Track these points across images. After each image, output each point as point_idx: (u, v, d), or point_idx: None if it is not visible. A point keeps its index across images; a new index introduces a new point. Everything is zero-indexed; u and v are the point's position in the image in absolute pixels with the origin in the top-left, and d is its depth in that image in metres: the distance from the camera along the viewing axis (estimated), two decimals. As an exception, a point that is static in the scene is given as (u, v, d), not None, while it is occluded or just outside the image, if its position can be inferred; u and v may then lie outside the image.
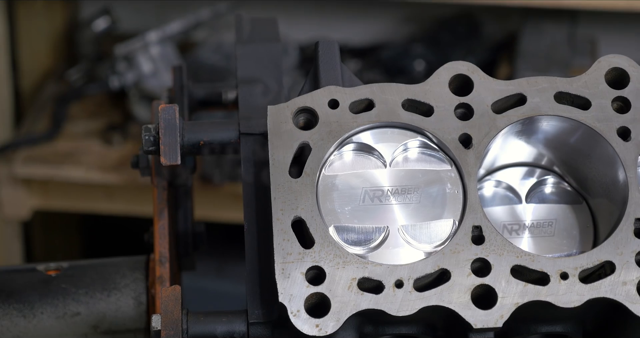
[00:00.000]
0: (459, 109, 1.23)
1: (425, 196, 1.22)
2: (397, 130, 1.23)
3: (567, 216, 1.30)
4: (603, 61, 1.25)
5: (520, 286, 1.17)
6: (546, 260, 1.18)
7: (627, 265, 1.18)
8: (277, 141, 1.20)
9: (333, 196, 1.21)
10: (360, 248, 1.20)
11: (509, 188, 1.31)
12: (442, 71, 1.24)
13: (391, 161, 1.23)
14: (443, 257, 1.17)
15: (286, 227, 1.17)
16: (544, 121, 1.24)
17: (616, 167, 1.22)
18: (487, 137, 1.22)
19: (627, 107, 1.24)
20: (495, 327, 1.15)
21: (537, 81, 1.24)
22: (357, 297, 1.15)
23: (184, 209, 1.53)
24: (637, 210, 1.20)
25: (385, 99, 1.23)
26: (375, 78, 3.27)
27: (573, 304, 1.16)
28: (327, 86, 1.23)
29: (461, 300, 1.16)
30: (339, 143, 1.22)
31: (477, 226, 1.19)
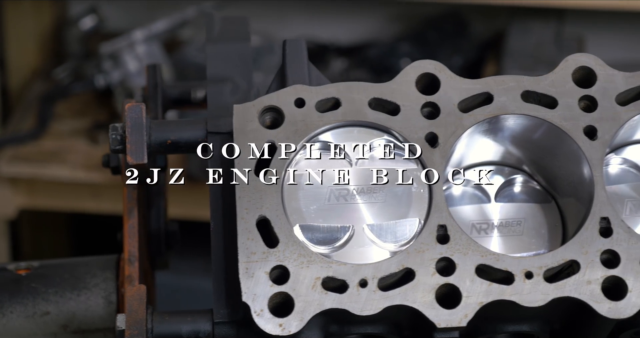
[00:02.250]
0: (426, 108, 1.23)
1: (391, 195, 1.22)
2: (363, 129, 1.23)
3: (536, 215, 1.30)
4: (570, 59, 1.25)
5: (484, 285, 1.16)
6: (511, 259, 1.18)
7: (592, 264, 1.17)
8: (242, 140, 1.20)
9: (298, 195, 1.21)
10: (326, 247, 1.20)
11: (477, 187, 1.31)
12: (409, 70, 1.24)
13: (357, 160, 1.23)
14: (408, 256, 1.17)
15: (251, 226, 1.17)
16: (510, 120, 1.24)
17: (582, 166, 1.22)
18: (453, 136, 1.22)
19: (594, 106, 1.23)
20: (459, 326, 1.15)
21: (504, 80, 1.24)
22: (321, 296, 1.15)
23: (157, 208, 1.53)
24: (603, 209, 1.20)
25: (351, 98, 1.22)
26: (361, 77, 3.26)
27: (537, 303, 1.16)
28: (293, 85, 1.22)
29: (425, 299, 1.15)
30: (305, 141, 1.21)
31: (442, 225, 1.19)
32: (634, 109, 1.23)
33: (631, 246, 1.18)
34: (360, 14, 3.49)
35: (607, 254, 1.18)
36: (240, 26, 1.42)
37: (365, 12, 3.49)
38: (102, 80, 3.16)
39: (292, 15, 3.49)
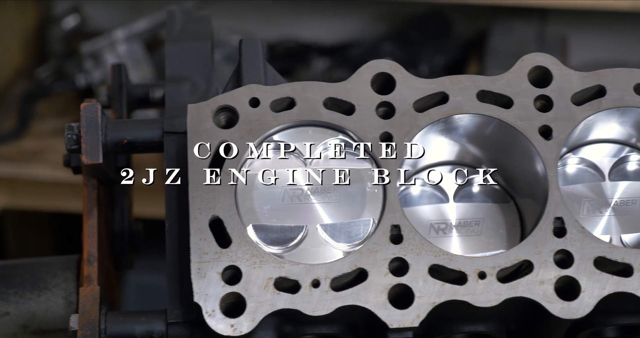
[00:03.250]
0: (381, 108, 1.23)
1: (345, 195, 1.21)
2: (318, 129, 1.22)
3: (495, 215, 1.29)
4: (526, 59, 1.25)
5: (437, 285, 1.16)
6: (464, 259, 1.18)
7: (545, 264, 1.17)
8: (196, 140, 1.20)
9: (252, 195, 1.20)
10: (279, 247, 1.19)
11: (436, 187, 1.31)
12: (365, 69, 1.24)
13: (311, 160, 1.22)
14: (361, 256, 1.17)
15: (203, 226, 1.17)
16: (464, 119, 1.24)
17: (538, 166, 1.22)
18: (408, 136, 1.22)
19: (550, 106, 1.23)
20: (412, 326, 1.14)
21: (460, 80, 1.24)
22: (273, 296, 1.15)
23: (120, 208, 1.53)
24: (557, 209, 1.19)
25: (306, 98, 1.22)
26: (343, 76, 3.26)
27: (490, 303, 1.16)
28: (248, 85, 1.22)
29: (378, 299, 1.15)
30: (259, 141, 1.21)
31: (396, 225, 1.18)
32: (589, 108, 1.23)
33: (585, 246, 1.18)
34: (344, 14, 3.49)
35: (560, 254, 1.18)
36: (202, 26, 1.41)
37: (350, 12, 3.49)
38: (83, 79, 3.15)
39: (275, 15, 3.48)
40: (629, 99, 1.23)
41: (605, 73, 1.24)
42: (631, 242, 1.26)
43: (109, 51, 3.14)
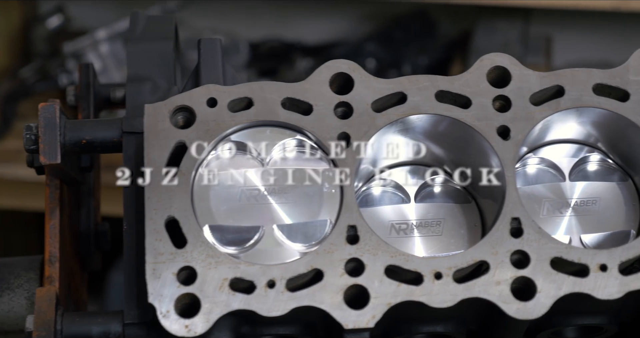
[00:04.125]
0: (340, 108, 1.22)
1: (302, 195, 1.21)
2: (276, 129, 1.22)
3: (456, 216, 1.29)
4: (485, 59, 1.24)
5: (393, 286, 1.16)
6: (420, 259, 1.17)
7: (502, 265, 1.17)
8: (153, 140, 1.19)
9: (209, 195, 1.20)
10: (235, 247, 1.19)
11: (397, 187, 1.30)
12: (323, 69, 1.23)
13: (269, 160, 1.22)
14: (317, 257, 1.17)
15: (159, 227, 1.16)
16: (424, 120, 1.23)
17: (494, 166, 1.22)
18: (366, 136, 1.21)
19: (508, 106, 1.23)
20: (367, 327, 1.14)
21: (418, 80, 1.24)
22: (228, 297, 1.14)
23: (86, 208, 1.52)
24: (514, 209, 1.19)
25: (264, 98, 1.22)
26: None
27: (446, 304, 1.15)
28: (206, 85, 1.22)
29: (333, 300, 1.15)
30: (217, 141, 1.21)
31: (353, 226, 1.18)
32: (547, 109, 1.23)
33: (541, 247, 1.17)
34: (328, 14, 3.49)
35: (517, 254, 1.18)
36: (165, 26, 1.41)
37: (333, 11, 3.48)
38: (66, 79, 3.14)
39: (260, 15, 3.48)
40: (588, 99, 1.23)
41: (564, 73, 1.24)
42: (591, 242, 1.26)
43: (91, 50, 3.14)
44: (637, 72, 1.24)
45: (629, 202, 1.27)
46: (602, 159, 1.29)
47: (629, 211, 1.26)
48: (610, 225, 1.26)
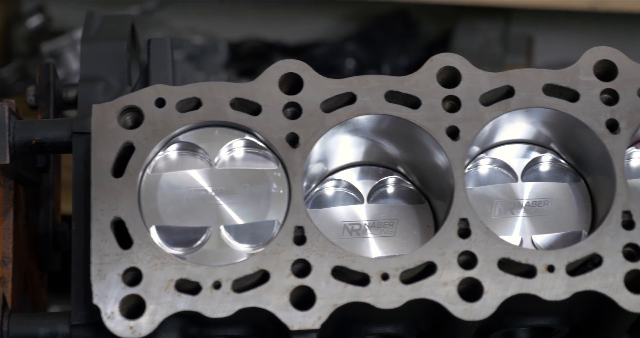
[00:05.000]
0: (289, 108, 1.22)
1: (250, 196, 1.20)
2: (224, 129, 1.22)
3: (409, 216, 1.28)
4: (435, 59, 1.24)
5: (340, 287, 1.15)
6: (367, 260, 1.17)
7: (449, 266, 1.16)
8: (100, 141, 1.19)
9: (156, 196, 1.20)
10: (182, 248, 1.19)
11: (350, 188, 1.30)
12: (272, 69, 1.23)
13: (217, 161, 1.22)
14: (263, 258, 1.16)
15: (105, 227, 1.16)
16: (373, 121, 1.23)
17: (444, 166, 1.21)
18: (314, 136, 1.21)
19: (458, 107, 1.22)
20: (313, 328, 1.14)
21: (368, 80, 1.23)
22: (173, 298, 1.14)
23: (45, 209, 1.52)
24: (462, 210, 1.19)
25: (213, 98, 1.21)
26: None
27: (393, 305, 1.15)
28: (154, 85, 1.21)
29: (279, 301, 1.14)
30: (165, 142, 1.20)
31: (300, 227, 1.18)
32: (497, 109, 1.22)
33: (489, 248, 1.17)
34: (308, 14, 3.48)
35: (465, 255, 1.17)
36: (120, 26, 1.40)
37: (314, 12, 3.48)
38: (44, 79, 3.13)
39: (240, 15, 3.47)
40: (538, 100, 1.22)
41: (514, 73, 1.24)
42: (543, 243, 1.25)
43: (70, 50, 3.13)
44: (587, 72, 1.23)
45: (581, 202, 1.26)
46: (554, 159, 1.28)
47: (581, 211, 1.26)
48: (562, 226, 1.26)
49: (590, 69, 1.23)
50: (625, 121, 1.21)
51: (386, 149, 1.28)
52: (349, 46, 3.32)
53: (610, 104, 1.22)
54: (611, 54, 1.24)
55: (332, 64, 3.29)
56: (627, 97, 1.22)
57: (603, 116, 1.22)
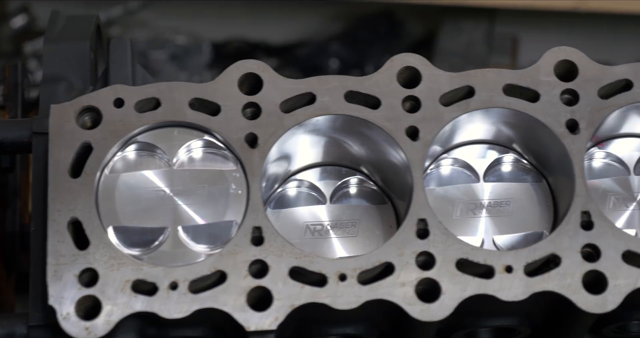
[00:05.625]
0: (249, 109, 1.22)
1: (208, 196, 1.20)
2: (183, 129, 1.21)
3: (371, 217, 1.28)
4: (396, 59, 1.24)
5: (297, 288, 1.15)
6: (325, 261, 1.16)
7: (407, 266, 1.16)
8: (58, 141, 1.18)
9: (114, 196, 1.19)
10: (139, 249, 1.18)
11: (313, 188, 1.29)
12: (232, 69, 1.22)
13: (176, 161, 1.21)
14: (221, 258, 1.16)
15: (62, 228, 1.16)
16: (334, 121, 1.22)
17: (404, 167, 1.21)
18: (273, 136, 1.20)
19: (418, 107, 1.22)
20: (270, 329, 1.13)
21: (328, 80, 1.23)
22: (130, 299, 1.14)
23: (12, 209, 1.51)
24: (421, 211, 1.18)
25: (172, 98, 1.21)
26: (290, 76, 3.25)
27: (350, 306, 1.14)
28: (113, 85, 1.21)
29: (236, 302, 1.14)
30: (123, 142, 1.20)
31: (258, 227, 1.17)
32: (457, 109, 1.22)
33: (447, 248, 1.17)
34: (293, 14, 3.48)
35: (423, 256, 1.17)
36: (83, 26, 1.40)
37: (299, 11, 3.48)
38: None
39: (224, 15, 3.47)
40: (498, 100, 1.22)
41: (474, 74, 1.23)
42: (504, 244, 1.25)
43: (53, 50, 3.12)
44: (548, 72, 1.23)
45: (542, 203, 1.26)
46: (516, 159, 1.28)
47: (543, 212, 1.26)
48: (524, 226, 1.25)
49: (550, 69, 1.23)
50: (585, 121, 1.21)
51: (348, 149, 1.28)
52: (334, 46, 3.32)
53: (570, 104, 1.22)
54: (572, 54, 1.24)
55: (316, 64, 3.29)
56: (587, 98, 1.22)
57: (563, 116, 1.21)
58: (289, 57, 3.34)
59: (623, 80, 1.23)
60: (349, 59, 3.27)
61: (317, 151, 1.28)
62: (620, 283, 1.15)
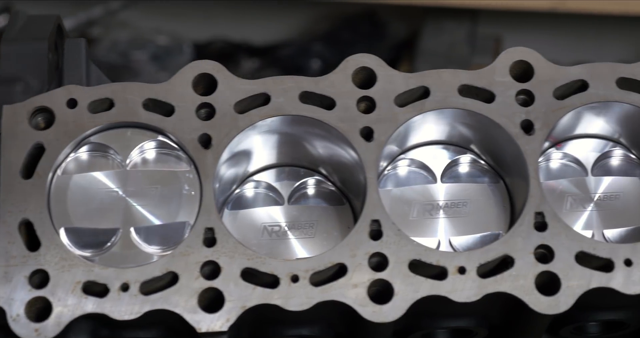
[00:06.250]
0: (203, 109, 1.21)
1: (161, 197, 1.20)
2: (137, 130, 1.21)
3: (329, 218, 1.28)
4: (351, 60, 1.23)
5: (249, 289, 1.14)
6: (277, 262, 1.16)
7: (360, 268, 1.16)
8: (10, 142, 1.18)
9: (66, 197, 1.19)
10: (91, 250, 1.18)
11: (270, 189, 1.29)
12: (186, 70, 1.22)
13: (129, 162, 1.21)
14: (172, 260, 1.15)
15: (12, 229, 1.15)
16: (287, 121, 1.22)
17: (359, 167, 1.20)
18: (227, 137, 1.20)
19: (373, 107, 1.21)
20: (221, 331, 1.13)
21: (283, 81, 1.22)
22: (80, 300, 1.13)
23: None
24: (374, 212, 1.18)
25: (125, 99, 1.20)
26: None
27: (302, 307, 1.14)
28: (67, 85, 1.20)
29: (187, 303, 1.13)
30: (76, 143, 1.19)
31: (210, 229, 1.17)
32: (412, 110, 1.21)
33: (400, 249, 1.16)
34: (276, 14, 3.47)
35: (376, 257, 1.16)
36: (42, 26, 1.39)
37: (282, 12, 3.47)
38: (7, 80, 3.12)
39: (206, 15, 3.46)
40: (453, 101, 1.22)
41: (430, 74, 1.23)
42: (460, 245, 1.24)
43: (33, 51, 3.11)
44: (504, 73, 1.22)
45: (499, 204, 1.26)
46: (473, 160, 1.28)
47: (500, 213, 1.25)
48: (480, 227, 1.25)
49: (506, 70, 1.23)
50: (540, 121, 1.21)
51: (306, 150, 1.27)
52: (316, 47, 3.32)
53: (526, 105, 1.22)
54: (527, 54, 1.24)
55: (299, 64, 3.29)
56: (542, 98, 1.21)
57: (518, 117, 1.21)
58: (271, 58, 3.34)
59: (579, 81, 1.22)
60: (332, 60, 3.27)
61: (275, 152, 1.28)
62: (573, 284, 1.15)
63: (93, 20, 3.15)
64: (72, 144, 1.19)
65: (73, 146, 1.19)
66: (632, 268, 1.15)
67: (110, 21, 3.21)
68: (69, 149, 1.19)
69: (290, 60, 3.31)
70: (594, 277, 1.15)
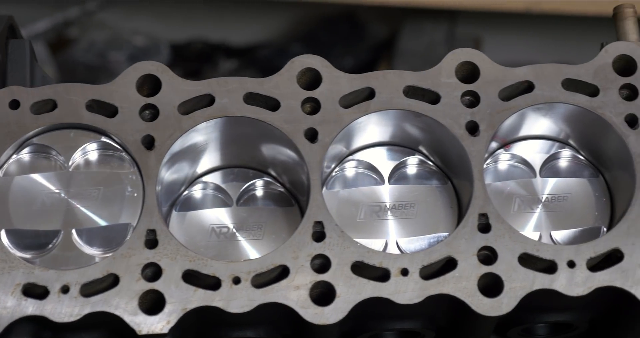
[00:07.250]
0: (147, 110, 1.20)
1: (104, 199, 1.19)
2: (80, 131, 1.20)
3: (278, 219, 1.27)
4: (296, 61, 1.23)
5: (190, 291, 1.14)
6: (220, 264, 1.15)
7: (302, 269, 1.15)
8: (-48, 143, 1.17)
9: (7, 199, 1.18)
10: (32, 252, 1.17)
11: (219, 190, 1.28)
12: (130, 71, 1.21)
13: (72, 163, 1.20)
14: (113, 262, 1.15)
15: (-48, 231, 1.14)
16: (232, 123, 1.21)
17: (303, 169, 1.20)
18: (170, 139, 1.19)
19: (318, 108, 1.21)
20: (162, 333, 1.12)
21: (227, 82, 1.22)
22: (20, 302, 1.12)
23: None
24: (318, 213, 1.17)
25: (69, 100, 1.20)
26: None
27: (243, 309, 1.13)
28: (9, 86, 1.19)
29: (128, 305, 1.13)
30: (18, 144, 1.19)
31: (152, 230, 1.16)
32: (357, 111, 1.21)
33: (344, 251, 1.16)
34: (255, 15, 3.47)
35: (318, 259, 1.16)
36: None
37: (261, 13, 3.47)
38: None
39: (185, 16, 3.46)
40: (398, 102, 1.21)
41: (375, 75, 1.22)
42: (407, 247, 1.24)
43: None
44: (449, 74, 1.22)
45: (447, 205, 1.25)
46: (421, 161, 1.27)
47: (447, 214, 1.25)
48: (427, 229, 1.24)
49: (452, 71, 1.22)
50: (485, 123, 1.20)
51: (254, 151, 1.27)
52: (295, 47, 3.31)
53: (471, 106, 1.21)
54: (473, 56, 1.23)
55: (277, 65, 3.26)
56: (488, 99, 1.21)
57: (463, 118, 1.20)
58: (249, 59, 3.33)
59: (524, 82, 1.22)
60: (309, 60, 3.26)
61: (222, 153, 1.27)
62: (516, 286, 1.14)
63: (70, 20, 3.14)
64: (14, 145, 1.18)
65: (15, 147, 1.19)
66: (575, 269, 1.15)
67: (87, 22, 3.20)
68: (11, 150, 1.19)
69: (269, 61, 3.31)
70: (537, 279, 1.15)
